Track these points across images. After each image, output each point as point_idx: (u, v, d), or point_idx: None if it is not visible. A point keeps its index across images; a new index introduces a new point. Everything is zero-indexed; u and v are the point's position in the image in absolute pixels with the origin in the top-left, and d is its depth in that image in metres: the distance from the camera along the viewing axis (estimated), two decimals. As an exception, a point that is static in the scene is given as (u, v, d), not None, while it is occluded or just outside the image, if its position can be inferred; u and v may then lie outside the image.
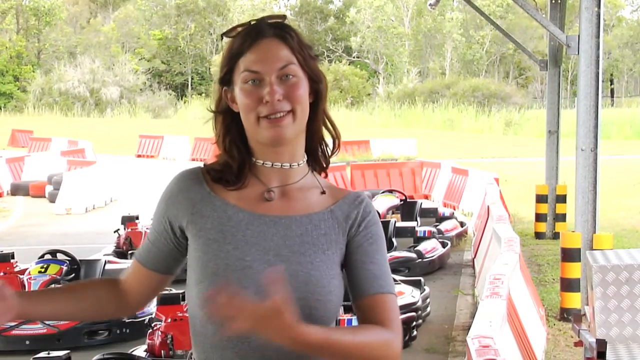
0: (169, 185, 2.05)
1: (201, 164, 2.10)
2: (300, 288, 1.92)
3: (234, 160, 2.02)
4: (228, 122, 2.03)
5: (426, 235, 12.02)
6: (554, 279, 10.49)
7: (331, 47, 61.17)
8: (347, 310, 7.32)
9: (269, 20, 2.01)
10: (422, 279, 9.24)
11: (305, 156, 2.05)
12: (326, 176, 2.11)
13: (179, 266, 2.10)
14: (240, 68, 1.98)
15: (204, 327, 1.97)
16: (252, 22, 2.02)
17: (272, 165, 2.01)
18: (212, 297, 1.78)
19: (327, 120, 2.05)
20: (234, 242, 1.96)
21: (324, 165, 2.09)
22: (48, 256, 8.85)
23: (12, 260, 8.78)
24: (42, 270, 8.46)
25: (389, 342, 1.94)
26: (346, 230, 2.02)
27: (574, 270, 8.53)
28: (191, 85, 61.44)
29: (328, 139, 2.09)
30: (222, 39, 2.07)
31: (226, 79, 2.01)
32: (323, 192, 2.04)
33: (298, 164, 2.03)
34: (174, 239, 2.04)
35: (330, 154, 2.08)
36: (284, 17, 2.03)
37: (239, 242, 1.96)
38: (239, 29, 2.02)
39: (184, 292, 6.61)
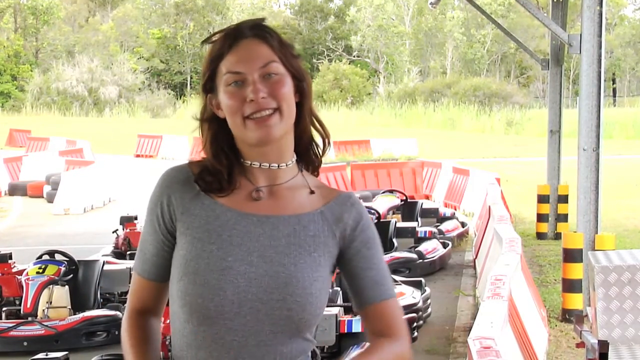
0: (159, 188, 2.03)
1: (185, 161, 2.09)
2: (279, 289, 1.92)
3: (223, 167, 2.00)
4: (215, 129, 2.01)
5: (427, 235, 12.00)
6: (555, 280, 10.46)
7: (331, 46, 61.15)
8: (347, 311, 7.29)
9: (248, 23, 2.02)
10: (422, 279, 9.22)
11: (295, 156, 2.04)
12: (318, 175, 2.09)
13: None
14: (222, 71, 1.98)
15: (182, 326, 1.97)
16: (230, 27, 2.03)
17: (260, 165, 2.00)
18: None
19: (314, 119, 2.04)
20: (218, 242, 1.95)
21: (316, 165, 2.08)
22: (46, 257, 8.78)
23: (10, 261, 8.73)
24: (40, 270, 8.41)
25: (401, 354, 2.01)
26: (337, 233, 2.00)
27: (576, 271, 8.51)
28: (190, 84, 61.40)
29: (318, 139, 2.07)
30: (202, 46, 2.06)
31: (209, 86, 2.01)
32: (312, 192, 2.02)
33: (287, 164, 2.01)
34: (175, 244, 2.02)
35: (321, 153, 2.06)
36: (262, 19, 2.04)
37: (223, 242, 1.95)
38: (218, 34, 2.03)
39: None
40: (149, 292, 2.06)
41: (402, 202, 13.53)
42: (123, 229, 11.56)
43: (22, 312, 8.21)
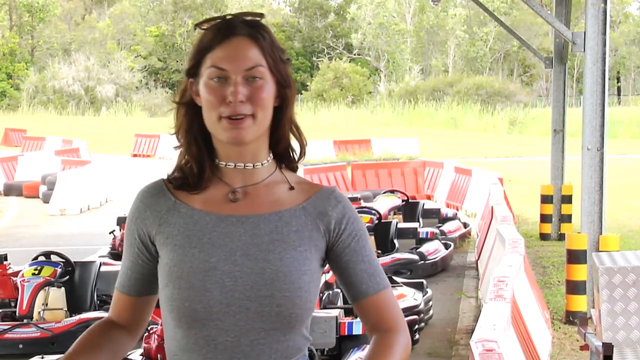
0: (134, 204, 2.06)
1: (163, 177, 2.10)
2: (266, 285, 1.92)
3: (193, 158, 2.00)
4: (191, 115, 2.02)
5: (429, 236, 11.98)
6: (559, 281, 10.43)
7: (331, 44, 61.20)
8: (347, 313, 7.20)
9: (246, 18, 2.00)
10: (424, 281, 9.21)
11: (271, 155, 2.04)
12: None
13: None
14: (207, 63, 1.97)
15: (174, 331, 1.98)
16: (227, 17, 2.00)
17: (235, 166, 2.00)
18: None
19: (293, 127, 2.04)
20: (199, 245, 1.96)
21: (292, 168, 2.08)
22: (42, 258, 8.73)
23: (5, 262, 8.69)
24: (36, 272, 8.36)
25: (407, 346, 2.01)
26: (322, 227, 2.00)
27: (580, 272, 8.51)
28: (190, 83, 61.35)
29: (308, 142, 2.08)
30: (195, 29, 2.02)
31: (193, 72, 2.00)
32: (291, 188, 2.02)
33: (262, 164, 2.01)
34: (150, 258, 2.03)
35: (297, 160, 2.07)
36: (261, 15, 2.02)
37: (204, 244, 1.95)
38: (213, 22, 2.00)
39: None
40: (124, 305, 2.08)
41: (404, 203, 13.48)
42: (120, 230, 11.50)
43: (17, 314, 8.16)
